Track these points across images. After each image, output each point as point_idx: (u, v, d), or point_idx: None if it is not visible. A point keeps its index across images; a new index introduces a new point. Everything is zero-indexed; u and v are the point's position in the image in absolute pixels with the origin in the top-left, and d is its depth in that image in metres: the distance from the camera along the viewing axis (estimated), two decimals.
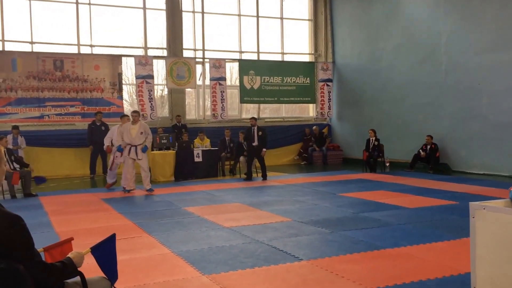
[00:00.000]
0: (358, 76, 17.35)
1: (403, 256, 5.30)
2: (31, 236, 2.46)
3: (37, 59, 14.49)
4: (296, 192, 10.36)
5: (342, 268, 4.88)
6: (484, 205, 2.86)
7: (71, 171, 14.59)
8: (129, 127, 10.85)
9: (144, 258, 5.44)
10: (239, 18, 17.72)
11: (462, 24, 13.24)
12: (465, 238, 5.73)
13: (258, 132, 12.85)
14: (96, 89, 15.12)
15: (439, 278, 4.48)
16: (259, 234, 6.44)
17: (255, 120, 13.16)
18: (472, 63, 12.94)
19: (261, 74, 17.47)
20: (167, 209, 8.70)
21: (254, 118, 13.26)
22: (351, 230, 6.60)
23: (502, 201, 2.96)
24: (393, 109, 15.68)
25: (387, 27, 15.85)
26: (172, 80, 15.96)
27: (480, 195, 9.19)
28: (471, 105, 13.04)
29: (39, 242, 3.99)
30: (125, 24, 16.17)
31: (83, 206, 9.17)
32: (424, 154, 13.75)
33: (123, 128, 10.90)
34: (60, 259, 2.74)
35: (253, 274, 4.78)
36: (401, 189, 10.29)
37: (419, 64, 14.61)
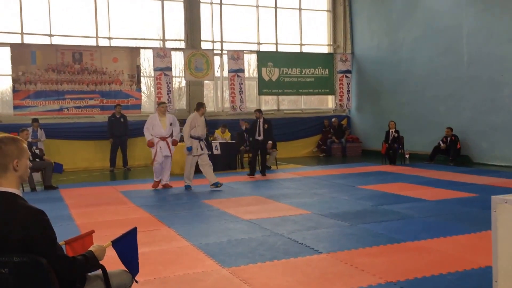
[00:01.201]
0: (377, 68, 17.18)
1: (423, 249, 5.25)
2: (54, 230, 2.49)
3: (56, 52, 14.62)
4: (314, 185, 10.33)
5: (361, 261, 4.86)
6: (506, 198, 2.80)
7: (90, 163, 14.73)
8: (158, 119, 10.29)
9: (164, 251, 5.47)
10: (257, 9, 17.65)
11: (484, 14, 13.00)
12: (485, 231, 5.66)
13: (264, 125, 12.33)
14: (115, 82, 15.22)
15: (459, 272, 4.44)
16: (278, 227, 6.44)
17: (260, 113, 12.58)
18: (494, 54, 12.71)
19: (279, 65, 17.41)
20: (186, 202, 8.75)
21: (259, 111, 12.69)
22: (370, 223, 6.56)
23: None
24: (413, 101, 15.51)
25: (407, 18, 15.64)
26: (190, 72, 15.98)
27: (502, 187, 9.08)
28: (493, 97, 12.83)
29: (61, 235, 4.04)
30: (143, 16, 16.23)
31: (103, 198, 9.27)
32: (444, 146, 13.59)
33: (154, 121, 10.33)
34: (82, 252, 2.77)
35: (272, 267, 4.78)
36: (421, 182, 10.20)
37: (440, 56, 14.40)
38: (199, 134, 10.12)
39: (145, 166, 14.99)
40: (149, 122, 10.35)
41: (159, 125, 10.27)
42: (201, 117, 10.25)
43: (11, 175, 2.51)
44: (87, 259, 2.63)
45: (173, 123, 10.48)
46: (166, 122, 10.33)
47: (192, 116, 10.19)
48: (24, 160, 2.56)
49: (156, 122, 10.28)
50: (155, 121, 10.29)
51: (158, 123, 10.28)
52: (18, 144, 2.54)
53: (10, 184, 2.49)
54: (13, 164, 2.50)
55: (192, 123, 10.05)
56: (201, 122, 10.21)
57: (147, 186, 10.76)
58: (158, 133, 10.26)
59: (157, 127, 10.26)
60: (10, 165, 2.49)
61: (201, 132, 10.15)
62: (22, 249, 2.37)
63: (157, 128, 10.27)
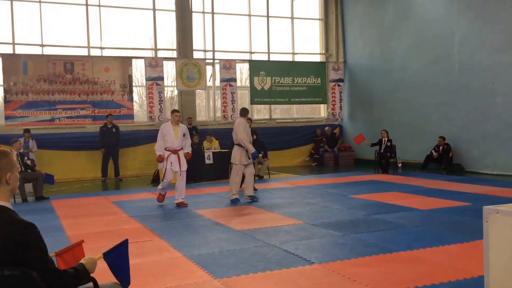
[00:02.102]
0: (369, 76, 17.25)
1: (416, 259, 5.24)
2: (45, 243, 2.48)
3: (47, 62, 14.57)
4: (307, 194, 10.32)
5: (354, 271, 4.84)
6: (498, 209, 2.81)
7: (82, 174, 14.65)
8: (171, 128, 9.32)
9: (155, 262, 5.43)
10: (249, 19, 17.71)
11: (476, 23, 13.10)
12: (478, 241, 5.66)
13: (253, 135, 11.28)
14: (107, 92, 15.18)
15: (452, 282, 4.43)
16: (271, 237, 6.41)
17: (250, 121, 11.53)
18: (486, 63, 12.80)
19: (271, 74, 17.45)
20: (178, 211, 8.70)
21: (249, 119, 11.55)
22: (362, 232, 6.55)
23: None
24: (405, 110, 15.57)
25: (399, 27, 15.74)
26: (182, 82, 15.98)
27: (494, 195, 9.10)
28: (484, 105, 12.90)
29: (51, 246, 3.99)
30: (134, 26, 16.24)
31: (94, 209, 9.20)
32: (436, 154, 13.63)
33: (166, 130, 9.24)
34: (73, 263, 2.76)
35: (264, 278, 4.75)
36: (414, 191, 10.20)
37: (432, 64, 14.48)
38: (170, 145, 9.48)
39: (137, 176, 14.96)
40: (160, 133, 9.28)
41: (172, 135, 9.22)
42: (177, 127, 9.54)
43: (4, 189, 2.54)
44: (78, 271, 2.62)
45: (186, 134, 9.51)
46: (179, 132, 9.32)
47: (243, 122, 9.53)
48: (15, 173, 2.60)
49: (169, 131, 9.22)
50: (168, 130, 9.24)
51: (171, 132, 9.22)
52: (9, 158, 2.58)
53: (2, 197, 2.51)
54: (6, 178, 2.53)
55: (246, 128, 9.47)
56: (249, 129, 9.67)
57: (139, 196, 10.72)
58: (169, 144, 9.23)
59: (170, 137, 9.22)
60: (3, 179, 2.54)
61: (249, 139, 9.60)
62: (13, 262, 2.37)
63: (169, 138, 9.23)
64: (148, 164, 15.04)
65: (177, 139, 9.24)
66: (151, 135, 15.47)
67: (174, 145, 9.23)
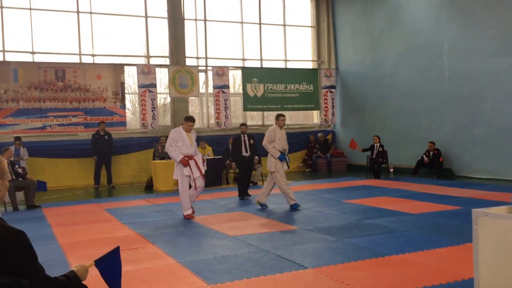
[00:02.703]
0: (361, 83, 17.36)
1: (408, 262, 5.28)
2: (34, 250, 2.47)
3: (38, 69, 14.54)
4: (300, 200, 10.32)
5: (346, 275, 4.87)
6: (487, 212, 2.85)
7: (75, 181, 14.60)
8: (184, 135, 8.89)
9: (149, 269, 5.43)
10: (242, 26, 17.78)
11: (465, 30, 13.24)
12: (468, 244, 5.70)
13: (249, 140, 11.47)
14: (99, 99, 15.17)
15: (443, 284, 4.47)
16: (264, 243, 6.43)
17: (246, 127, 11.65)
18: (475, 69, 12.94)
19: (264, 81, 17.51)
20: (171, 218, 8.71)
21: (245, 125, 11.73)
22: (355, 237, 6.59)
23: (505, 207, 2.96)
24: (396, 115, 15.68)
25: (390, 34, 15.87)
26: (175, 89, 16.00)
27: (484, 199, 9.17)
28: (474, 111, 13.03)
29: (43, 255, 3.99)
30: (127, 33, 16.25)
31: (87, 217, 9.18)
32: (427, 160, 13.73)
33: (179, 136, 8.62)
34: None
35: (258, 283, 4.77)
36: (405, 195, 10.27)
37: (422, 71, 14.61)
38: (279, 149, 9.28)
39: (130, 184, 14.93)
40: (172, 138, 8.60)
41: (186, 141, 8.59)
42: (281, 130, 9.41)
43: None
44: (70, 279, 2.61)
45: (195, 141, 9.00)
46: (192, 138, 8.77)
47: (270, 130, 9.37)
48: (5, 181, 2.58)
49: (183, 138, 8.59)
50: (180, 136, 8.60)
51: (185, 139, 8.59)
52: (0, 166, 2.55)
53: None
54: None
55: (270, 137, 9.26)
56: (281, 134, 9.36)
57: (132, 204, 10.70)
58: (185, 150, 8.58)
59: (185, 143, 8.58)
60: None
61: (281, 146, 9.28)
62: (4, 270, 2.35)
63: (184, 144, 8.57)
64: (141, 171, 15.04)
65: (192, 147, 8.71)
66: (144, 142, 15.51)
67: (190, 151, 8.64)
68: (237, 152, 11.49)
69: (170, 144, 8.61)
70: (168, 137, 8.74)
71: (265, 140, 9.31)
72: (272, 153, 9.24)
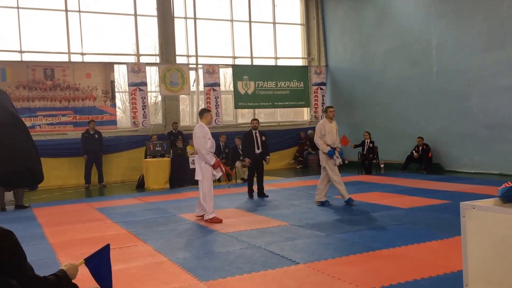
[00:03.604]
0: (350, 79, 17.43)
1: (398, 256, 5.33)
2: (23, 250, 2.45)
3: (26, 69, 14.43)
4: (292, 196, 10.39)
5: (338, 270, 4.91)
6: (474, 204, 2.89)
7: (65, 181, 14.51)
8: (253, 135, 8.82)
9: (140, 267, 5.44)
10: (232, 24, 17.77)
11: (452, 26, 13.34)
12: (457, 237, 5.76)
13: (261, 137, 10.79)
14: (88, 98, 15.09)
15: (433, 277, 4.52)
16: (256, 239, 6.46)
17: (258, 122, 10.89)
18: (462, 65, 13.04)
19: (255, 79, 17.52)
20: (162, 216, 8.70)
21: (257, 120, 10.99)
22: (346, 232, 6.63)
23: (492, 200, 2.99)
24: (386, 112, 15.75)
25: (378, 31, 15.94)
26: (166, 87, 15.96)
27: (472, 193, 9.26)
28: (461, 107, 13.15)
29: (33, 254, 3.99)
30: (116, 31, 16.17)
31: (77, 216, 9.15)
32: (417, 155, 13.83)
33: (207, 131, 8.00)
34: None
35: (250, 279, 4.79)
36: (395, 190, 10.34)
37: (411, 67, 14.70)
38: (329, 143, 9.04)
39: (122, 183, 14.88)
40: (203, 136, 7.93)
41: (212, 139, 8.14)
42: (331, 123, 9.18)
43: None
44: (59, 278, 2.59)
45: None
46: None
47: (320, 124, 9.17)
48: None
49: (210, 136, 8.10)
50: (208, 133, 8.06)
51: (211, 136, 8.14)
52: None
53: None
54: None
55: (321, 131, 9.05)
56: (331, 128, 9.10)
57: (124, 202, 10.68)
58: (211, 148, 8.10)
59: (211, 141, 8.11)
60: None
61: (331, 140, 9.04)
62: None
63: (211, 143, 8.08)
64: (132, 170, 14.99)
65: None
66: (135, 140, 15.46)
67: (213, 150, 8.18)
68: (250, 148, 10.68)
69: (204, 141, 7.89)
70: (199, 136, 7.88)
71: (316, 136, 9.10)
72: (322, 149, 9.00)
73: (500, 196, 2.96)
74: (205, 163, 7.97)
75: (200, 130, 7.93)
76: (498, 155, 12.18)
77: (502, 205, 2.93)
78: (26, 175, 2.12)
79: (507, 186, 2.93)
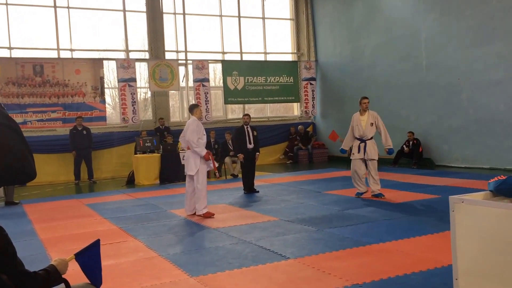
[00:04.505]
0: (340, 74, 17.45)
1: (388, 251, 5.35)
2: (13, 245, 2.44)
3: (15, 65, 14.32)
4: (282, 191, 10.40)
5: (328, 265, 4.92)
6: (463, 198, 2.90)
7: (55, 177, 14.43)
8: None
9: (131, 262, 5.42)
10: (221, 19, 17.72)
11: (442, 20, 13.38)
12: (448, 231, 5.76)
13: (253, 132, 10.76)
14: (78, 94, 15.00)
15: (423, 271, 4.54)
16: (246, 234, 6.46)
17: (249, 117, 10.87)
18: (451, 60, 13.10)
19: (244, 74, 17.49)
20: (153, 212, 8.68)
21: (248, 115, 10.94)
22: (336, 227, 6.65)
23: (481, 193, 3.01)
24: (375, 106, 15.63)
25: (368, 25, 15.97)
26: (155, 83, 15.90)
27: (462, 187, 9.31)
28: (451, 101, 13.20)
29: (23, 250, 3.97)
30: (105, 27, 16.07)
31: (68, 212, 9.11)
32: (407, 149, 13.90)
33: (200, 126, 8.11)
34: None
35: (240, 274, 4.79)
36: (386, 185, 10.34)
37: (400, 61, 14.74)
38: (357, 135, 9.05)
39: (112, 179, 14.82)
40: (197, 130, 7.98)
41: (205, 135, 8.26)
42: (364, 115, 9.07)
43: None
44: (49, 273, 2.58)
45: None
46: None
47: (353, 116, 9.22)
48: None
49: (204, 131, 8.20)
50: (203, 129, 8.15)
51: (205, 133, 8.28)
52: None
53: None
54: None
55: (351, 123, 9.13)
56: (358, 120, 9.06)
57: (114, 198, 10.65)
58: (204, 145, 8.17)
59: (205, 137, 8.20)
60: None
61: (359, 133, 9.01)
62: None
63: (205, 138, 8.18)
64: (122, 166, 14.94)
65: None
66: (125, 137, 15.40)
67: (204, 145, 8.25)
68: (242, 143, 10.68)
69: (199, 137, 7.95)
70: (192, 129, 7.91)
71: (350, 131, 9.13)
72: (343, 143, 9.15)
73: (492, 189, 2.98)
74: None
75: (195, 124, 7.96)
76: (489, 149, 12.25)
77: (491, 198, 2.95)
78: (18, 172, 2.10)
79: (500, 179, 2.95)
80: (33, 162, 2.18)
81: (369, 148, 8.99)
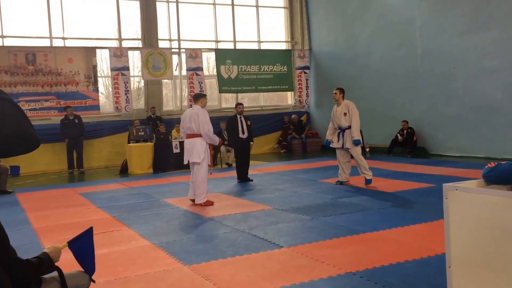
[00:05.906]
0: (334, 63, 17.39)
1: (382, 239, 5.36)
2: (6, 233, 2.43)
3: (8, 53, 14.19)
4: (276, 180, 10.39)
5: (322, 253, 4.92)
6: (457, 186, 2.89)
7: (48, 166, 14.37)
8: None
9: (124, 251, 5.41)
10: (214, 7, 17.60)
11: (437, 8, 13.32)
12: (441, 220, 5.80)
13: (246, 121, 10.72)
14: (71, 83, 14.90)
15: (417, 260, 4.55)
16: (240, 223, 6.46)
17: (242, 107, 10.79)
18: (446, 47, 13.05)
19: (238, 63, 17.41)
20: (146, 201, 8.66)
21: (242, 105, 10.86)
22: (331, 215, 6.65)
23: (475, 181, 3.00)
24: (370, 95, 15.75)
25: (362, 13, 15.89)
26: (148, 72, 15.81)
27: (456, 176, 9.31)
28: (446, 89, 13.17)
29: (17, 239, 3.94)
30: (98, 16, 15.92)
31: (61, 201, 9.08)
32: (401, 138, 13.90)
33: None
34: None
35: (234, 263, 4.79)
36: (380, 174, 10.37)
37: (395, 49, 14.69)
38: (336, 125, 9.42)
39: (106, 168, 14.78)
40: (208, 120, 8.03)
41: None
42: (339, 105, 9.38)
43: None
44: (42, 261, 2.58)
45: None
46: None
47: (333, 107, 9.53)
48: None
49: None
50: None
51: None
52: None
53: None
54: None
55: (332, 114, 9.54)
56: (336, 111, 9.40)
57: (107, 187, 10.61)
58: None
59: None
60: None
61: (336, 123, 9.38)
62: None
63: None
64: (116, 154, 14.89)
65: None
66: (118, 126, 15.33)
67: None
68: (234, 134, 10.66)
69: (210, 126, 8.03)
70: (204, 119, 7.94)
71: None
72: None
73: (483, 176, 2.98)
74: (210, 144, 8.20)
75: (205, 114, 8.01)
76: (484, 138, 12.22)
77: (485, 186, 2.94)
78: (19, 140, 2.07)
79: (489, 167, 2.94)
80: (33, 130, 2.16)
81: (345, 137, 9.21)
